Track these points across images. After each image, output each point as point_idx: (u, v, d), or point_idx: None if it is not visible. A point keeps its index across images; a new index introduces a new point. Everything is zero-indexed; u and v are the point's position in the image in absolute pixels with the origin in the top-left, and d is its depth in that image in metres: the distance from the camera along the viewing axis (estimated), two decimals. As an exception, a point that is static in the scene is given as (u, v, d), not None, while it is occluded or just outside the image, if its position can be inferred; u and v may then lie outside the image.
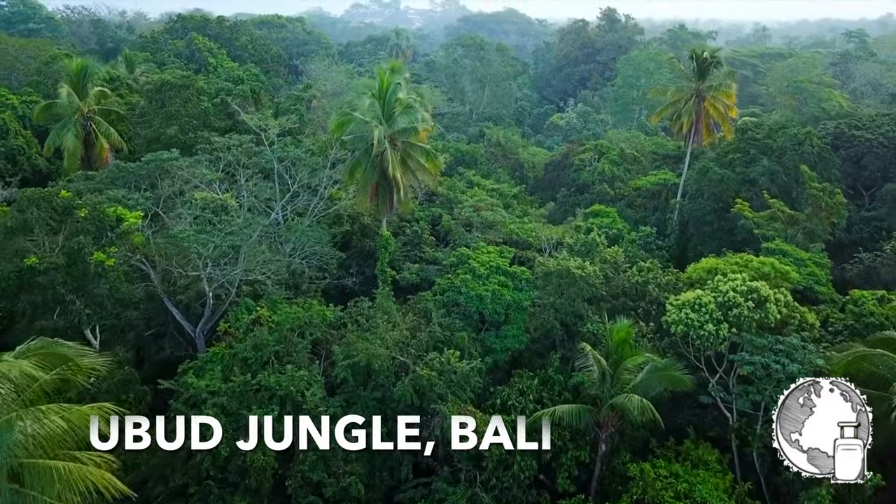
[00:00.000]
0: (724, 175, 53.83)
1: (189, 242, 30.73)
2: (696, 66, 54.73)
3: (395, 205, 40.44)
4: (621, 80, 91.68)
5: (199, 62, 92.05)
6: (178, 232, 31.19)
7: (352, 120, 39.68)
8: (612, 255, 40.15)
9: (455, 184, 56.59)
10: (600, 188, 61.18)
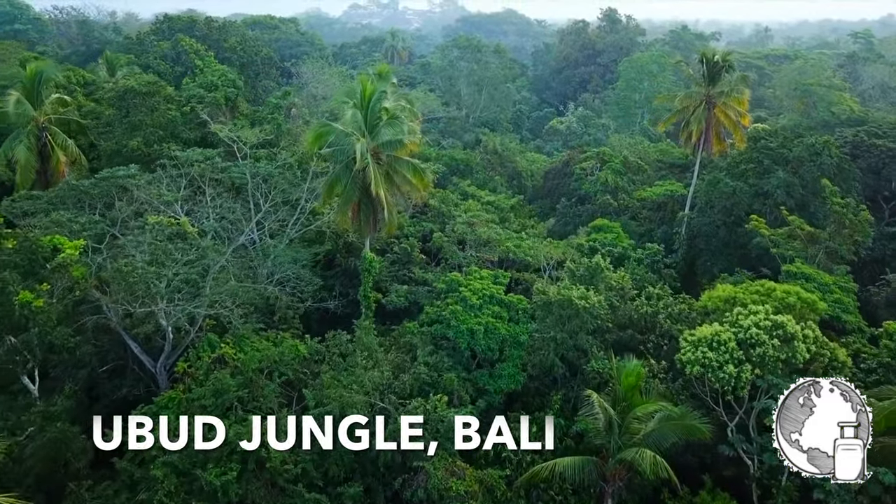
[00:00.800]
0: (735, 187, 49.75)
1: (135, 278, 26.66)
2: (706, 70, 50.60)
3: (379, 224, 36.30)
4: (623, 83, 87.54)
5: (186, 64, 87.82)
6: (123, 265, 27.09)
7: (331, 131, 35.58)
8: (617, 281, 36.08)
9: (448, 196, 52.46)
10: (603, 199, 57.09)
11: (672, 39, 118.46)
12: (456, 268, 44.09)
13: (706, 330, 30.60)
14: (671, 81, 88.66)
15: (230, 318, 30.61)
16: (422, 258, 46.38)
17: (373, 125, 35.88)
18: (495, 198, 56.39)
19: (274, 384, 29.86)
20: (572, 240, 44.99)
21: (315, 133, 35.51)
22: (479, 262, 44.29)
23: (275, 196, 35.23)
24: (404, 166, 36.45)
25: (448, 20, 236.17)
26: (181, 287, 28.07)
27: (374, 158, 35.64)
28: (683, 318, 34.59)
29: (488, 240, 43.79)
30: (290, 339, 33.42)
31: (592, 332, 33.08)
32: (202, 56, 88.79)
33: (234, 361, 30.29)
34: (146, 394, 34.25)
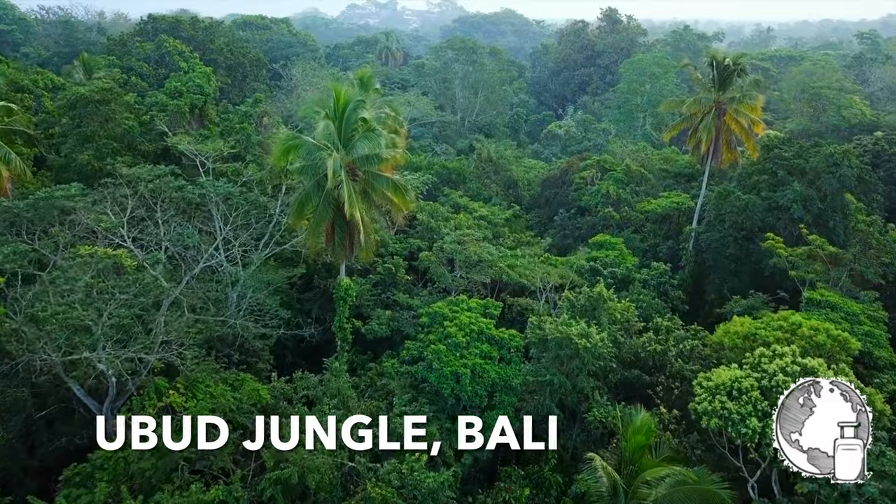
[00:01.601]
0: (748, 201, 45.54)
1: (53, 325, 22.50)
2: (717, 74, 46.33)
3: (356, 248, 32.10)
4: (625, 86, 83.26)
5: (170, 66, 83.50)
6: (38, 310, 22.92)
7: (301, 145, 31.38)
8: (622, 313, 31.86)
9: (438, 209, 48.33)
10: (604, 212, 52.88)
11: (674, 40, 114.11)
12: (444, 291, 39.99)
13: (724, 374, 26.42)
14: (675, 84, 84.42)
15: (180, 361, 26.40)
16: (407, 279, 42.26)
17: (348, 138, 31.68)
18: (489, 210, 52.30)
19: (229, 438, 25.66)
20: (571, 259, 40.72)
21: (283, 146, 31.29)
22: (470, 284, 40.20)
23: (236, 219, 31.02)
24: (384, 183, 32.25)
25: (446, 20, 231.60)
26: (116, 331, 23.89)
27: (349, 175, 31.43)
28: (697, 356, 30.40)
29: (479, 260, 39.66)
30: (252, 380, 29.26)
31: (594, 374, 28.93)
32: (187, 58, 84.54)
33: (183, 412, 26.12)
34: (91, 442, 30.25)
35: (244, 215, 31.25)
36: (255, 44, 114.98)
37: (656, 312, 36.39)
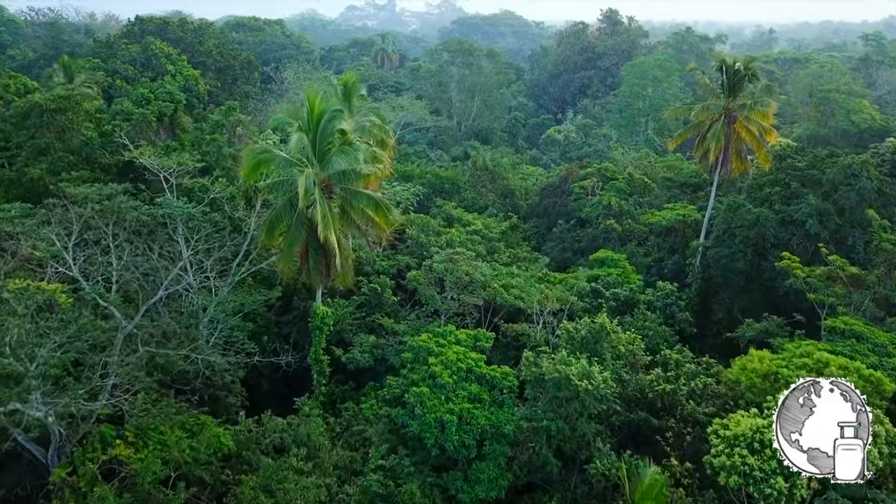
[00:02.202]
0: (759, 214, 42.20)
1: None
2: (727, 79, 42.94)
3: (333, 273, 28.79)
4: (626, 90, 79.88)
5: (156, 69, 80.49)
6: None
7: (271, 159, 28.10)
8: (627, 345, 28.53)
9: (429, 223, 45.01)
10: (606, 224, 49.51)
11: (675, 42, 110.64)
12: (433, 314, 36.68)
13: (744, 423, 23.11)
14: (678, 87, 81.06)
15: (129, 406, 23.14)
16: (394, 300, 38.94)
17: (323, 152, 28.38)
18: (484, 222, 48.99)
19: (180, 498, 22.39)
20: (570, 278, 37.36)
21: (253, 161, 28.00)
22: (461, 306, 36.88)
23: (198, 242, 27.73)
24: (363, 201, 28.94)
25: (445, 22, 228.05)
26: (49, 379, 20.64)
27: (324, 193, 28.14)
28: (710, 394, 27.07)
29: (472, 281, 36.35)
30: (214, 425, 25.98)
31: (596, 417, 25.61)
32: (174, 60, 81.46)
33: (131, 466, 22.85)
34: (36, 489, 27.03)
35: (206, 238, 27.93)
36: (248, 46, 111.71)
37: (663, 341, 33.07)
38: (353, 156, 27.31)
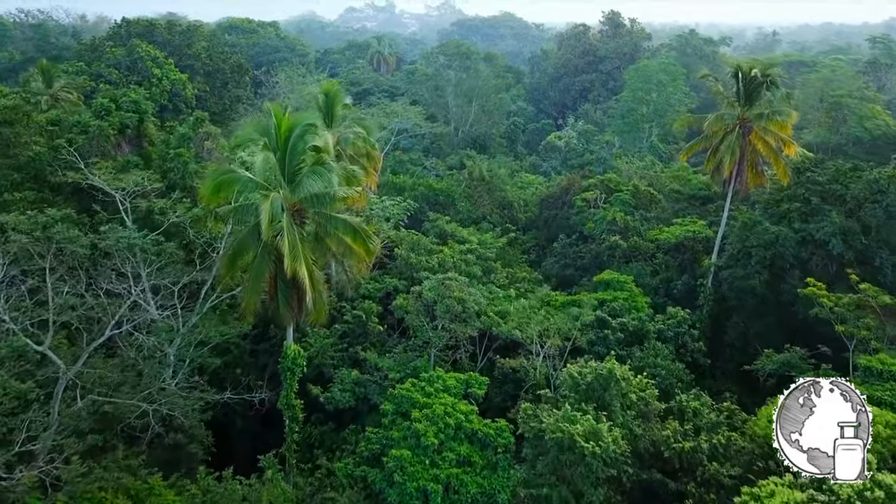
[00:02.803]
0: (778, 233, 38.59)
1: None
2: (742, 87, 39.24)
3: (305, 311, 25.14)
4: (629, 94, 76.16)
5: (142, 73, 76.99)
6: None
7: (235, 181, 24.46)
8: (638, 392, 24.88)
9: (419, 241, 41.39)
10: (610, 240, 45.82)
11: (679, 45, 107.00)
12: (423, 346, 33.04)
13: (779, 496, 19.52)
14: (683, 92, 77.35)
15: (55, 475, 19.53)
16: (380, 329, 35.34)
17: (294, 172, 24.74)
18: (479, 238, 45.33)
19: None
20: (573, 308, 33.68)
21: (214, 182, 24.37)
22: (453, 338, 33.24)
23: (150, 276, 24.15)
24: (340, 227, 25.29)
25: (444, 24, 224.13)
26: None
27: (294, 219, 24.53)
28: (734, 450, 23.42)
29: (465, 309, 32.72)
30: (164, 487, 22.38)
31: (605, 481, 21.98)
32: (160, 63, 77.87)
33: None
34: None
35: (159, 270, 24.33)
36: (241, 48, 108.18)
37: (677, 381, 29.43)
38: (327, 177, 23.68)
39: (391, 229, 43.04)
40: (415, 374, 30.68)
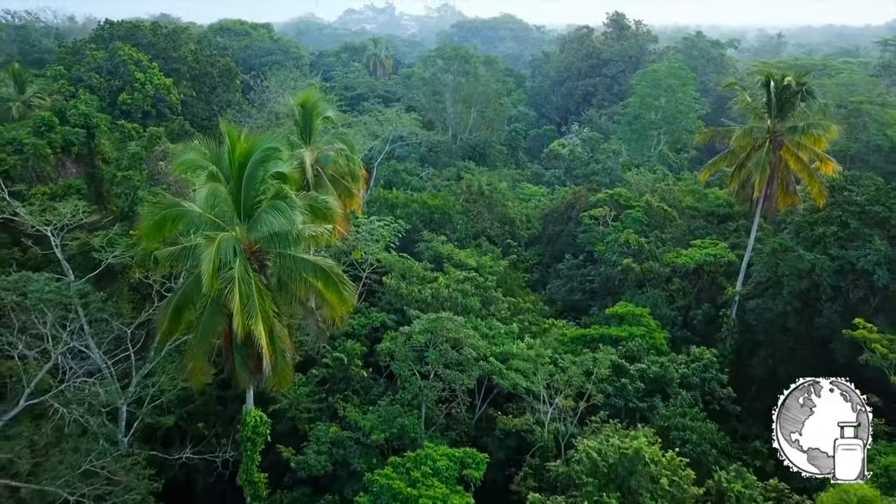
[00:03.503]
0: (815, 261, 33.92)
1: None
2: (774, 97, 34.55)
3: (266, 373, 20.47)
4: (636, 100, 71.42)
5: (124, 77, 72.41)
6: None
7: (181, 216, 19.81)
8: (669, 475, 20.20)
9: (412, 267, 36.71)
10: (622, 263, 41.11)
11: (685, 47, 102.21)
12: (413, 400, 28.37)
13: None
14: (692, 97, 72.62)
15: None
16: (364, 375, 30.69)
17: (251, 207, 20.11)
18: (479, 260, 40.69)
19: None
20: (586, 354, 28.93)
21: (154, 219, 19.71)
22: (448, 390, 28.58)
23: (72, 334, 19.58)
24: (308, 271, 20.64)
25: (444, 26, 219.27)
26: None
27: (252, 262, 19.90)
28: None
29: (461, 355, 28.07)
30: None
31: None
32: (144, 67, 73.19)
33: None
34: None
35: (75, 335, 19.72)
36: (233, 51, 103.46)
37: (710, 446, 24.72)
38: (288, 214, 18.99)
39: (381, 250, 38.44)
40: (401, 435, 26.11)
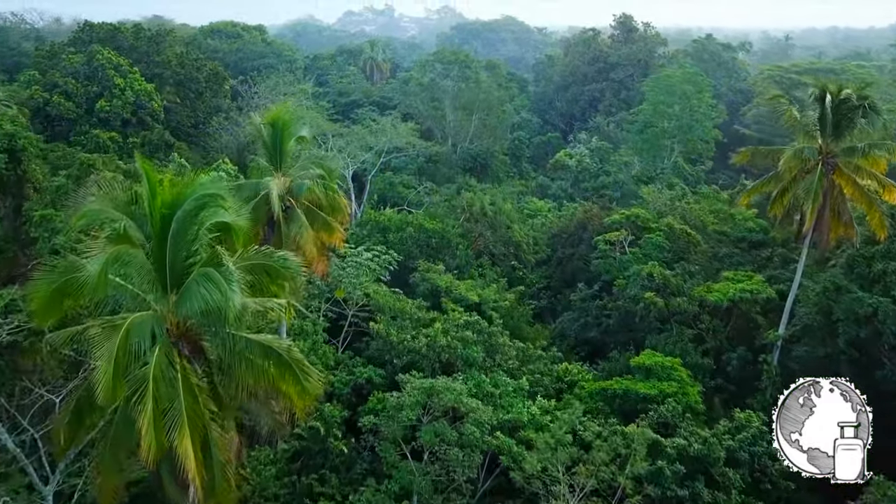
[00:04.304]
0: (877, 305, 28.52)
1: None
2: (830, 113, 29.09)
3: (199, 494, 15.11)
4: (649, 108, 65.88)
5: (103, 83, 67.09)
6: None
7: (84, 286, 14.45)
8: None
9: (404, 308, 31.35)
10: (645, 297, 35.63)
11: (695, 51, 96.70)
12: (400, 491, 22.95)
13: None
14: (709, 105, 67.16)
15: None
16: (344, 449, 25.26)
17: (179, 274, 14.72)
18: (481, 293, 35.37)
19: None
20: (615, 437, 23.44)
21: (48, 288, 14.38)
22: (445, 471, 23.19)
23: None
24: (257, 354, 15.28)
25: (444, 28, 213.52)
26: None
27: (179, 346, 14.54)
28: None
29: (462, 435, 22.70)
30: None
31: None
32: (124, 73, 67.72)
33: None
34: None
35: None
36: (223, 55, 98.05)
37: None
38: (223, 288, 13.59)
39: (370, 282, 33.08)
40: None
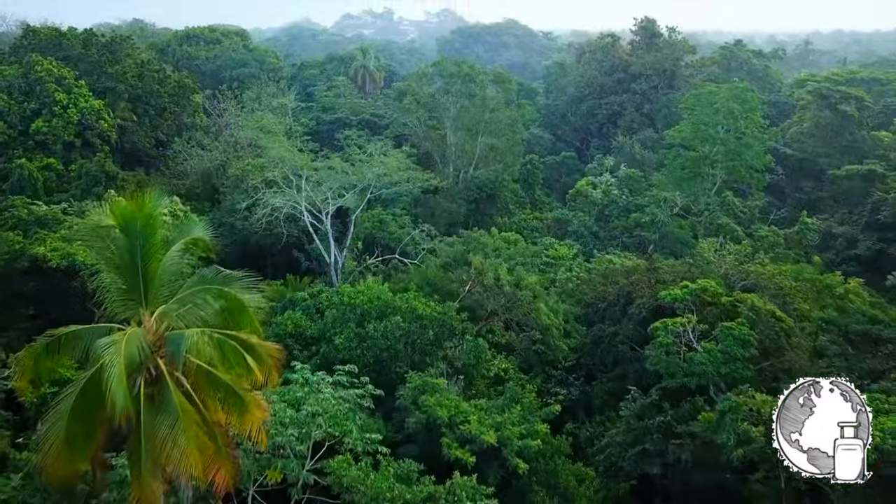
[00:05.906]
0: None
1: None
2: None
3: None
4: (688, 129, 53.73)
5: (42, 99, 55.15)
6: None
7: None
8: None
9: (383, 486, 19.24)
10: (739, 428, 23.58)
11: (722, 58, 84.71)
12: None
13: None
14: (759, 126, 54.98)
15: None
16: None
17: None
18: (501, 433, 23.28)
19: None
20: None
21: None
22: None
23: None
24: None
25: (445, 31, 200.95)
26: None
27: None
28: None
29: None
30: None
31: None
32: (68, 87, 55.71)
33: None
34: None
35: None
36: (200, 63, 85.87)
37: None
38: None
39: (335, 430, 20.97)
40: None
